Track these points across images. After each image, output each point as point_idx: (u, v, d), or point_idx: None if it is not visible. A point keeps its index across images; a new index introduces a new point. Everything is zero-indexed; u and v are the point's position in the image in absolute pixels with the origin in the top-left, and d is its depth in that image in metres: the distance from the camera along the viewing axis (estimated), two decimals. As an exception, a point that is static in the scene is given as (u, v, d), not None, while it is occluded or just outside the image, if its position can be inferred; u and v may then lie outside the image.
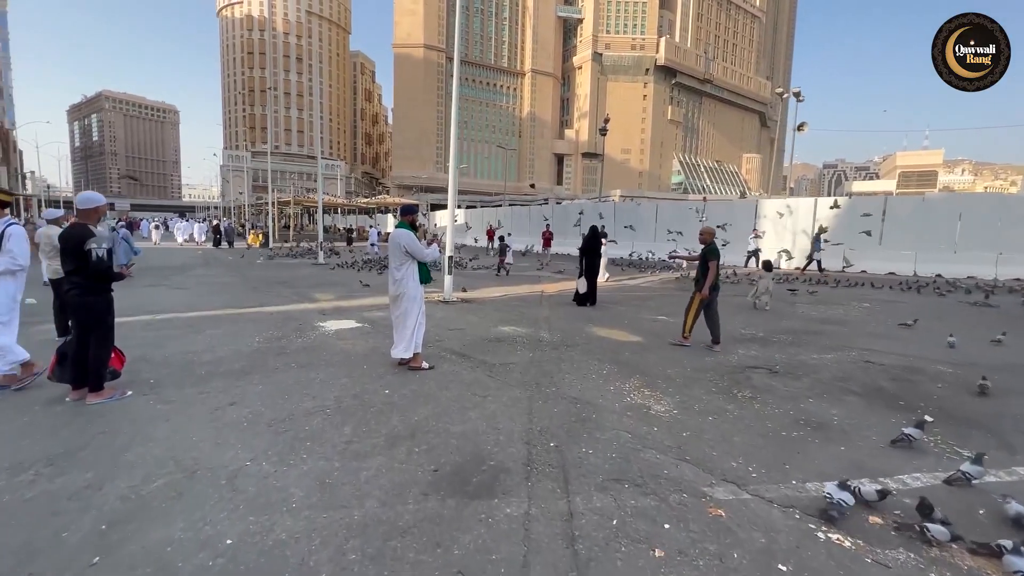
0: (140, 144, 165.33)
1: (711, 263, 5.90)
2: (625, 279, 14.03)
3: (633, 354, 5.63)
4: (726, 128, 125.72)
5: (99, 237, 3.72)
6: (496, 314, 8.05)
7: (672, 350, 5.86)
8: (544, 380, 4.55)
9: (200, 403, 3.77)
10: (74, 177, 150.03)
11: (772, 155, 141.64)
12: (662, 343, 6.20)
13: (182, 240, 30.52)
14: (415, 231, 4.75)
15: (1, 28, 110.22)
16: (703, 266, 6.03)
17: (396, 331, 4.72)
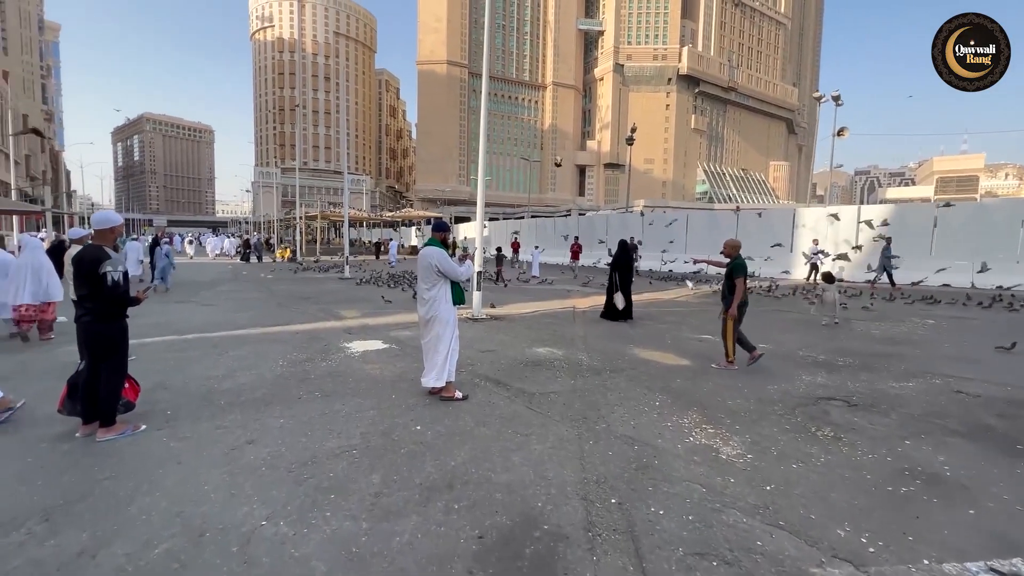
0: (177, 162, 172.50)
1: (738, 280, 5.45)
2: (658, 293, 13.41)
3: (685, 381, 5.09)
4: (752, 136, 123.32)
5: (115, 259, 3.46)
6: (528, 333, 7.61)
7: (727, 377, 5.30)
8: (591, 414, 4.07)
9: (216, 441, 3.43)
10: (116, 195, 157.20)
11: (800, 162, 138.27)
12: (710, 367, 5.63)
13: (213, 254, 31.20)
14: (447, 249, 4.37)
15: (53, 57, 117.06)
16: (729, 282, 5.56)
17: (427, 357, 4.32)
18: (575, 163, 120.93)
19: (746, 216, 19.76)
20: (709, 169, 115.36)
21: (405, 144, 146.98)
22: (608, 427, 3.80)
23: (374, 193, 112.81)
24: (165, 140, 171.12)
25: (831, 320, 8.40)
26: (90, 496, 2.69)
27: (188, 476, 2.93)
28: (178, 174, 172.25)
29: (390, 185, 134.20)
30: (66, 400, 3.52)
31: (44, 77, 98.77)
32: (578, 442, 3.50)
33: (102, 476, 2.91)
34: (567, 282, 16.20)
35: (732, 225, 19.51)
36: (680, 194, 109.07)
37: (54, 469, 3.00)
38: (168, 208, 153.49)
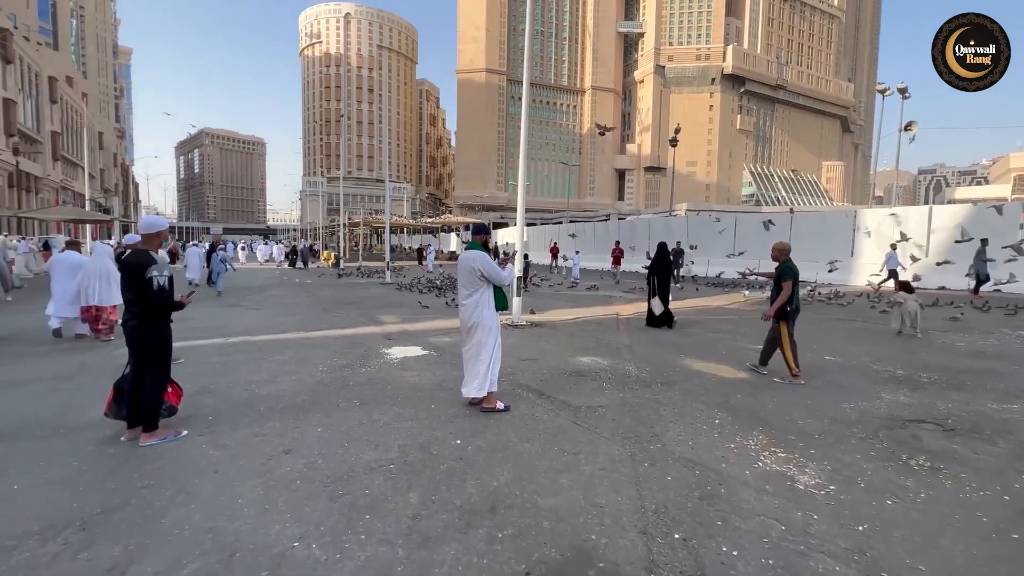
0: (233, 174, 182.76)
1: (784, 284, 5.10)
2: (707, 300, 12.75)
3: (746, 396, 4.65)
4: (802, 135, 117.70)
5: (160, 264, 3.45)
6: (571, 340, 7.30)
7: (793, 392, 4.81)
8: (644, 431, 3.73)
9: (254, 449, 3.34)
10: (178, 205, 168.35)
11: (856, 162, 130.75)
12: (773, 381, 5.15)
13: (263, 260, 32.59)
14: (488, 252, 4.17)
15: (125, 79, 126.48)
16: (778, 287, 5.20)
17: (468, 365, 4.12)
18: (614, 167, 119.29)
19: (801, 219, 18.63)
20: (756, 171, 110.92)
21: (444, 152, 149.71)
22: (664, 447, 3.46)
23: (414, 200, 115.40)
24: (222, 153, 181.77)
25: (913, 332, 7.62)
26: (127, 505, 2.62)
27: (223, 487, 2.83)
28: (233, 184, 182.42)
29: (430, 192, 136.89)
30: (112, 403, 3.54)
31: (117, 98, 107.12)
32: (631, 463, 3.18)
33: (141, 484, 2.85)
34: (609, 288, 15.74)
35: (785, 227, 18.44)
36: (725, 197, 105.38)
37: (97, 474, 2.98)
38: (224, 216, 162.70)
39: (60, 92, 66.34)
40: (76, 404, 4.23)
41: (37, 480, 2.90)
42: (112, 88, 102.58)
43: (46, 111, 63.45)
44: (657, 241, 9.38)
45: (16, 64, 54.34)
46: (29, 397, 4.48)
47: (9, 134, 49.59)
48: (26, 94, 58.13)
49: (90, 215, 27.98)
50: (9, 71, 53.10)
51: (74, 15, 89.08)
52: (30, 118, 58.58)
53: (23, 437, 3.54)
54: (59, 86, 65.44)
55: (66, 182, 65.01)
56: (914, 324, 7.68)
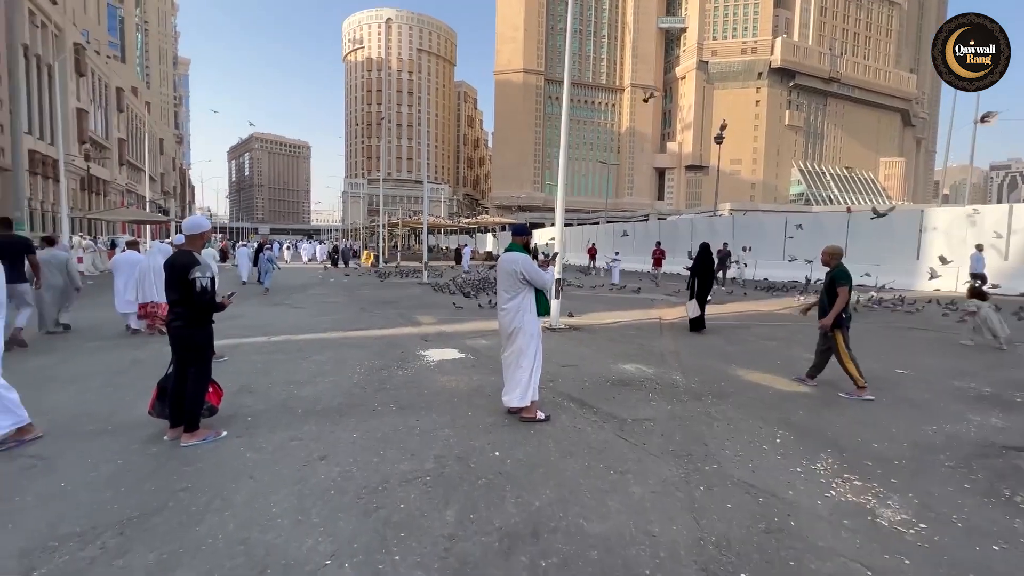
0: (280, 176, 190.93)
1: (841, 288, 4.70)
2: (756, 304, 12.08)
3: (809, 413, 4.25)
4: (858, 130, 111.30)
5: (203, 265, 3.45)
6: (612, 346, 7.01)
7: (863, 410, 4.37)
8: (697, 450, 3.44)
9: (290, 454, 3.28)
10: (230, 207, 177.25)
11: (919, 157, 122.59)
12: (838, 395, 4.70)
13: (307, 259, 33.71)
14: (529, 253, 3.97)
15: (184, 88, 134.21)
16: (830, 292, 4.81)
17: (508, 373, 3.94)
18: (653, 166, 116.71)
19: (860, 219, 17.43)
20: (805, 168, 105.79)
21: (482, 153, 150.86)
22: (720, 468, 3.16)
23: (451, 201, 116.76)
24: (270, 156, 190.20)
25: (997, 344, 6.87)
26: (164, 509, 2.59)
27: (258, 494, 2.76)
28: (280, 186, 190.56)
29: (467, 193, 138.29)
30: (156, 402, 3.57)
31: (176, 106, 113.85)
32: (686, 486, 2.91)
33: (179, 487, 2.83)
34: (650, 290, 15.23)
35: (840, 228, 17.32)
36: (772, 196, 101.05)
37: (139, 474, 2.98)
38: (271, 217, 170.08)
39: (126, 102, 71.05)
40: (126, 400, 4.34)
41: (84, 478, 2.93)
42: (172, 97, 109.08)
43: (114, 119, 68.09)
44: (700, 242, 8.95)
45: (88, 76, 58.48)
46: (86, 392, 4.64)
47: (82, 141, 53.46)
48: (97, 104, 62.51)
49: (150, 216, 29.75)
50: (82, 83, 57.20)
51: (139, 29, 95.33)
52: (100, 126, 63.01)
53: (76, 433, 3.63)
54: (125, 96, 70.10)
55: (130, 185, 69.61)
56: (996, 335, 6.92)
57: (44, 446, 3.38)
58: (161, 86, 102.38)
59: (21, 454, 3.27)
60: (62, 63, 28.05)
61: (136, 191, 67.46)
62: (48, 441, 3.47)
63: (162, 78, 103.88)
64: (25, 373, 5.23)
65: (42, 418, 3.93)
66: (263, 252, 14.80)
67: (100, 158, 63.41)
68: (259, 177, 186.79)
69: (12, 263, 6.28)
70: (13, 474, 2.99)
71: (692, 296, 8.08)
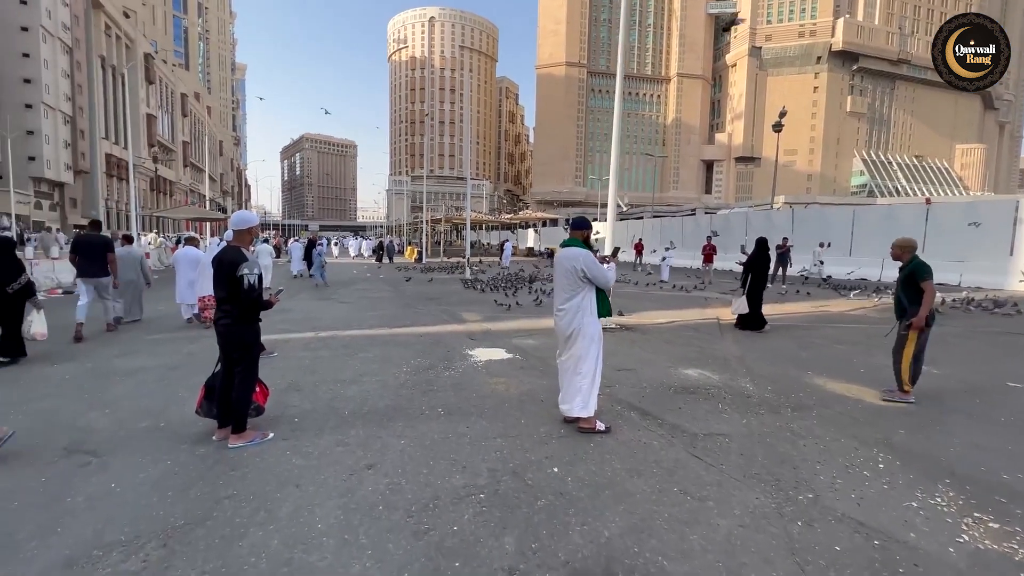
0: (328, 175, 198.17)
1: (925, 283, 4.16)
2: (823, 304, 11.15)
3: (913, 432, 3.69)
4: (930, 115, 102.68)
5: (251, 262, 3.33)
6: (669, 348, 6.54)
7: (980, 431, 3.75)
8: (785, 474, 3.00)
9: (336, 461, 3.11)
10: (282, 205, 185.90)
11: (1002, 143, 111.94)
12: (945, 412, 4.08)
13: (354, 255, 34.62)
14: (590, 249, 3.62)
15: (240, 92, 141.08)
16: (909, 289, 4.28)
17: (565, 379, 3.62)
18: (701, 158, 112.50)
19: (940, 211, 15.84)
20: (869, 158, 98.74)
21: (523, 148, 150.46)
22: (817, 498, 2.72)
23: (492, 197, 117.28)
24: (319, 156, 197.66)
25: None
26: (209, 519, 2.46)
27: (304, 506, 2.59)
28: (328, 185, 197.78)
29: (507, 189, 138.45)
30: (203, 402, 3.50)
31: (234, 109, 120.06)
32: (779, 520, 2.50)
33: (225, 494, 2.70)
34: (707, 289, 14.45)
35: (918, 221, 15.79)
36: (830, 188, 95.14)
37: (186, 477, 2.89)
38: (320, 215, 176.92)
39: (190, 107, 75.48)
40: (178, 396, 4.35)
41: (133, 479, 2.87)
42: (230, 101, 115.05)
43: (179, 124, 72.55)
44: (756, 237, 8.39)
45: (157, 84, 62.45)
46: (142, 386, 4.71)
47: (151, 144, 57.23)
48: (164, 109, 66.69)
49: (209, 214, 31.40)
50: (151, 91, 61.14)
51: (201, 38, 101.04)
52: (166, 130, 67.33)
53: (131, 430, 3.62)
54: (189, 101, 74.45)
55: (193, 185, 74.12)
56: None
57: (101, 443, 3.38)
58: (221, 91, 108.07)
59: (79, 449, 3.27)
60: (132, 70, 29.93)
61: (198, 190, 71.62)
62: (105, 437, 3.47)
63: (221, 83, 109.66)
64: (90, 365, 5.42)
65: (102, 412, 3.99)
66: (315, 248, 15.50)
67: (167, 160, 67.70)
68: (309, 176, 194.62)
69: (95, 259, 6.97)
70: (70, 471, 2.97)
71: (744, 292, 7.77)
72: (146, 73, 56.46)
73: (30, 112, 43.18)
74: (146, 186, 56.59)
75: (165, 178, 63.31)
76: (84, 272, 6.92)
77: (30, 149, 42.89)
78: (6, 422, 3.77)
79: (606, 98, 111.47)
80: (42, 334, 5.57)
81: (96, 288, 7.01)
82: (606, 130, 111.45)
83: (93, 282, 6.96)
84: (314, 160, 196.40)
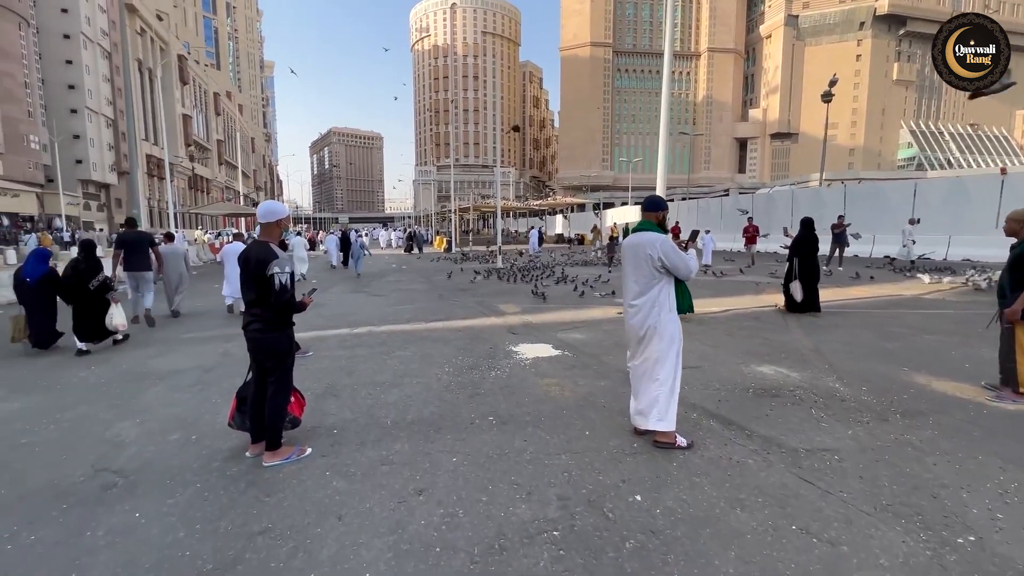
0: (356, 167, 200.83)
1: None
2: (888, 287, 10.19)
3: (1067, 447, 3.03)
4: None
5: (282, 260, 2.93)
6: (732, 341, 5.92)
7: None
8: (928, 505, 2.43)
9: (381, 485, 2.72)
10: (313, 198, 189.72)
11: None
12: (989, 395, 3.39)
13: (384, 246, 34.73)
14: (666, 232, 3.08)
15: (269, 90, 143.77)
16: (1017, 272, 3.66)
17: (640, 386, 3.11)
18: (734, 136, 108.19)
19: (1018, 181, 14.34)
20: (918, 128, 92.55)
21: (548, 133, 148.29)
22: (981, 542, 2.15)
23: (518, 183, 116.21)
24: (347, 149, 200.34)
25: None
26: (240, 562, 2.10)
27: (347, 545, 2.20)
28: (356, 177, 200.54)
29: (533, 175, 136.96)
30: (235, 414, 3.17)
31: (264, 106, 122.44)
32: (942, 573, 1.95)
33: (258, 527, 2.35)
34: (750, 272, 13.58)
35: (991, 193, 14.36)
36: (874, 162, 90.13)
37: (216, 506, 2.55)
38: (349, 207, 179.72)
39: (222, 105, 77.23)
40: (211, 403, 4.08)
41: (159, 507, 2.55)
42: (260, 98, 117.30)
43: (213, 123, 74.42)
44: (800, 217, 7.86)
45: (191, 85, 64.06)
46: (176, 391, 4.47)
47: (187, 144, 58.93)
48: (198, 109, 68.46)
49: (243, 209, 31.94)
50: (186, 91, 62.75)
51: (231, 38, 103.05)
52: (201, 129, 69.16)
53: (162, 444, 3.35)
54: (221, 100, 76.15)
55: (228, 182, 76.16)
56: None
57: (130, 459, 3.11)
58: (251, 89, 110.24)
59: (106, 468, 3.00)
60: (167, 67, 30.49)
61: (232, 187, 73.55)
62: (133, 453, 3.20)
63: (251, 81, 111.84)
64: (125, 367, 5.25)
65: (132, 422, 3.75)
66: (352, 240, 15.73)
67: (202, 158, 69.69)
68: (337, 169, 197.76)
69: (139, 254, 7.53)
70: (93, 496, 2.68)
71: (794, 277, 7.34)
72: (180, 74, 57.89)
73: (75, 117, 44.96)
74: (184, 184, 58.43)
75: (202, 176, 65.20)
76: (131, 266, 7.45)
77: (77, 152, 44.73)
78: (38, 433, 3.58)
79: (633, 78, 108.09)
80: (123, 324, 6.12)
81: (138, 281, 7.54)
82: (633, 111, 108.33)
83: (137, 275, 7.51)
84: (342, 153, 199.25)
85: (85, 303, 5.89)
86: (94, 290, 5.91)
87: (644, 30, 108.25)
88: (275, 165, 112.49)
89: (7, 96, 36.21)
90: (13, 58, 37.53)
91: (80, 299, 5.87)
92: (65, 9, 44.16)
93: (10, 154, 36.22)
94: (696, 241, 3.04)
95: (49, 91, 43.88)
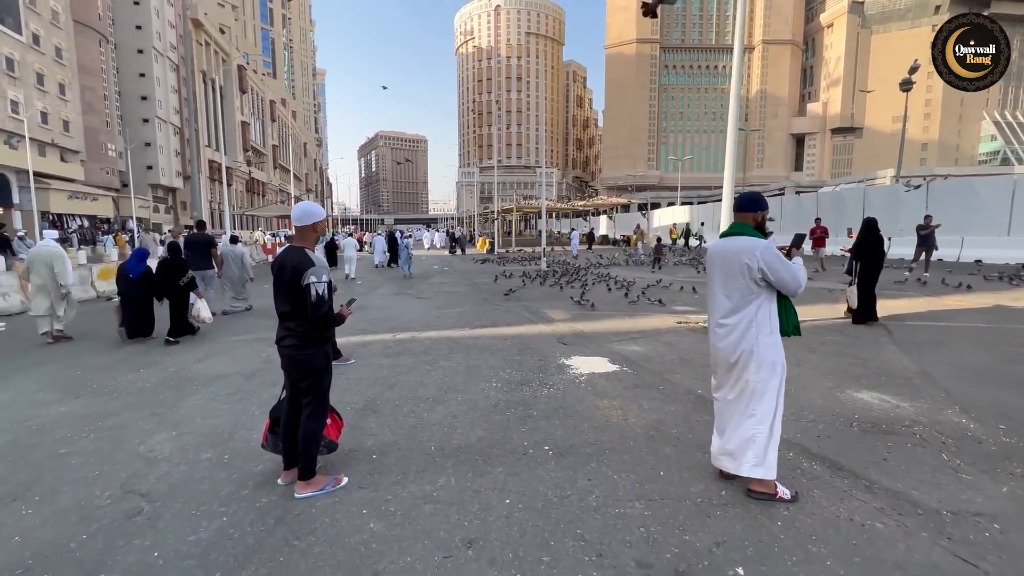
0: (401, 169, 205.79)
1: None
2: (991, 296, 8.94)
3: None
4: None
5: (318, 267, 2.62)
6: (820, 360, 5.20)
7: None
8: None
9: (425, 531, 2.34)
10: (360, 201, 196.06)
11: None
12: None
13: (428, 247, 35.06)
14: (764, 235, 2.54)
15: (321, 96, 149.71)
16: None
17: (730, 422, 2.57)
18: (790, 132, 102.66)
19: None
20: (1003, 119, 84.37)
21: (591, 133, 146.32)
22: None
23: (561, 184, 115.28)
24: (392, 151, 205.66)
25: None
26: (260, 631, 1.76)
27: (385, 617, 1.82)
28: (401, 179, 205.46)
29: (576, 176, 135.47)
30: (269, 435, 2.89)
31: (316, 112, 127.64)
32: None
33: (284, 581, 2.01)
34: (819, 278, 12.44)
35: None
36: (950, 157, 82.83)
37: (240, 547, 2.25)
38: (394, 208, 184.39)
39: (277, 112, 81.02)
40: (247, 415, 3.86)
41: (180, 544, 2.28)
42: (312, 105, 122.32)
43: (268, 129, 78.13)
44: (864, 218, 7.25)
45: (249, 93, 67.42)
46: (214, 400, 4.31)
47: (245, 149, 62.06)
48: (255, 116, 72.02)
49: (295, 212, 33.25)
50: (245, 99, 66.12)
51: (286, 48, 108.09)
52: (258, 135, 72.76)
53: (193, 463, 3.13)
54: (277, 108, 79.90)
55: (282, 185, 79.73)
56: None
57: (159, 479, 2.89)
58: (304, 96, 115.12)
59: (134, 490, 2.79)
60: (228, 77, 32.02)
61: (286, 190, 76.94)
62: (164, 472, 2.99)
63: (304, 88, 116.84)
64: (172, 370, 5.19)
65: (168, 434, 3.57)
66: (400, 241, 16.03)
67: (259, 163, 73.19)
68: (383, 171, 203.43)
69: (201, 255, 8.25)
70: (116, 525, 2.45)
71: (851, 282, 6.95)
72: (240, 83, 61.11)
73: (147, 126, 48.25)
74: (242, 188, 61.62)
75: (258, 179, 68.60)
76: (193, 265, 7.78)
77: (147, 159, 47.98)
78: (77, 443, 3.46)
79: (681, 74, 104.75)
80: (208, 318, 6.96)
81: (202, 279, 7.97)
82: (681, 108, 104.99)
83: (200, 274, 7.90)
84: (388, 156, 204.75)
85: (174, 299, 6.62)
86: (183, 287, 6.66)
87: (693, 24, 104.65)
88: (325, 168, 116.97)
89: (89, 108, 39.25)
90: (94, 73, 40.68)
91: (171, 295, 6.62)
92: (139, 26, 47.47)
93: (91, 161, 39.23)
94: (802, 248, 2.45)
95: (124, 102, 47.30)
